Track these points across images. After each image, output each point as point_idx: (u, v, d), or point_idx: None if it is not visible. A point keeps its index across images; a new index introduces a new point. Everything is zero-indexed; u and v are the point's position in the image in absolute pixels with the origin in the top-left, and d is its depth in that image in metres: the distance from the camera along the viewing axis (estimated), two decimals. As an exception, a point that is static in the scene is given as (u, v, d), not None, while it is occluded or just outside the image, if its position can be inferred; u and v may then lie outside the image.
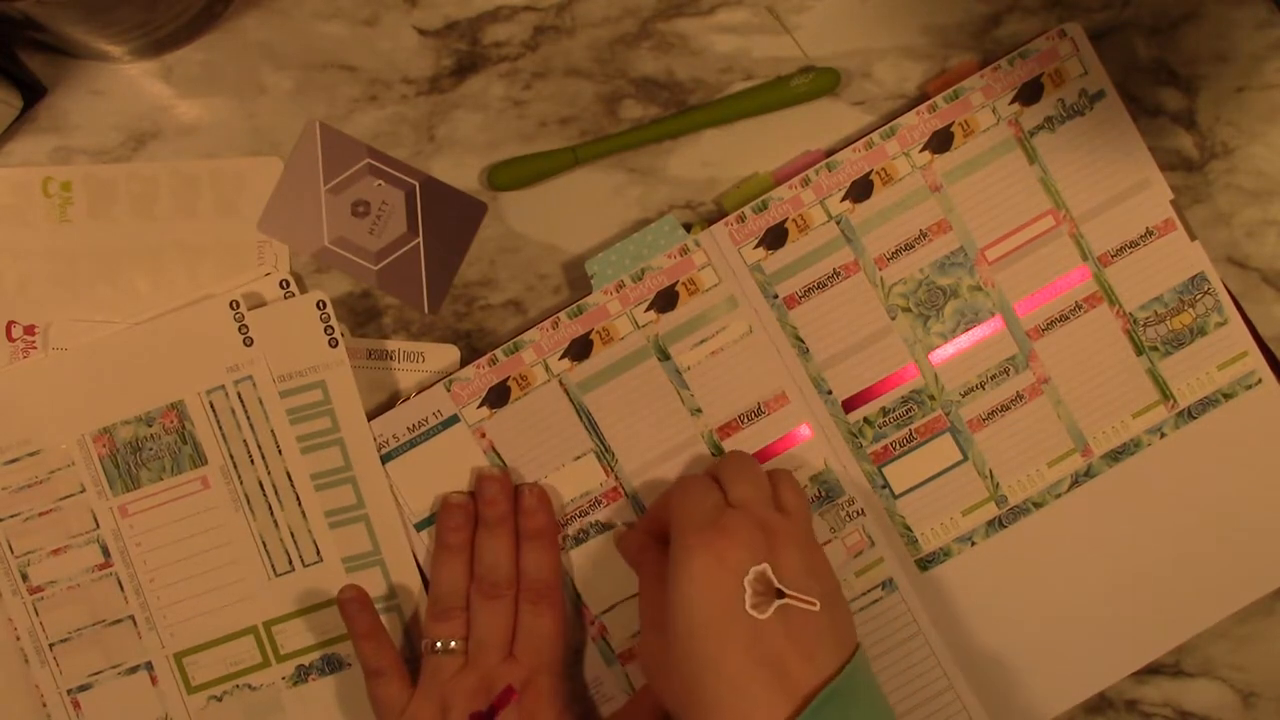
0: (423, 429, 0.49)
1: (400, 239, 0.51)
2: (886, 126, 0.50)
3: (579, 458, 0.50)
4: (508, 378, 0.50)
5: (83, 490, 0.49)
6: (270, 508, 0.49)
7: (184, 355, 0.49)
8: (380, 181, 0.51)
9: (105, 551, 0.49)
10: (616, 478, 0.50)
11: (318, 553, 0.49)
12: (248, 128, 0.51)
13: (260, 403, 0.49)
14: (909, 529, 0.51)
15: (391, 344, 0.51)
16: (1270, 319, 0.52)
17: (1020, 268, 0.50)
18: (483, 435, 0.50)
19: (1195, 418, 0.51)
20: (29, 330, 0.50)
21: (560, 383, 0.50)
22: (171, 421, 0.49)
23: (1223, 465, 0.51)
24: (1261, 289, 0.52)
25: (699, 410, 0.50)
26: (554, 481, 0.50)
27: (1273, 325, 0.52)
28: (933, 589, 0.51)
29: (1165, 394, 0.51)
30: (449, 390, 0.50)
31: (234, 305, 0.49)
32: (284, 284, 0.50)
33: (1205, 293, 0.51)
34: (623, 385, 0.50)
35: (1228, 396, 0.51)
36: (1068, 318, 0.51)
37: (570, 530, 0.50)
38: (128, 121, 0.51)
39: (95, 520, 0.49)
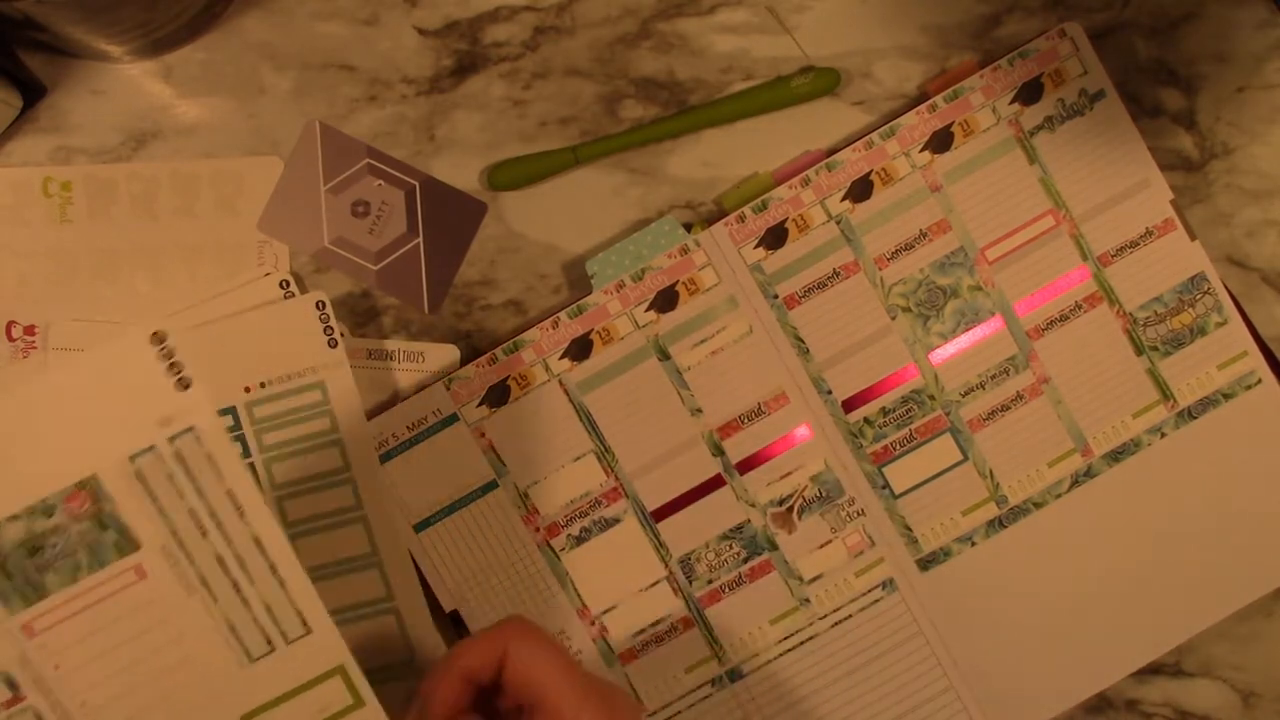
0: (422, 428, 0.49)
1: (400, 239, 0.51)
2: (886, 126, 0.50)
3: (579, 458, 0.50)
4: (507, 377, 0.50)
5: None
6: (236, 584, 0.39)
7: (93, 414, 0.37)
8: (380, 181, 0.51)
9: (11, 685, 0.38)
10: (616, 478, 0.50)
11: (304, 623, 0.40)
12: (248, 128, 0.51)
13: (210, 459, 0.38)
14: (909, 529, 0.51)
15: (391, 344, 0.51)
16: (1270, 319, 0.52)
17: (1020, 268, 0.50)
18: (482, 434, 0.50)
19: (1195, 418, 0.51)
20: (29, 330, 0.50)
21: (560, 382, 0.50)
22: (82, 505, 0.37)
23: (1223, 465, 0.51)
24: (1261, 289, 0.52)
25: (699, 410, 0.50)
26: (554, 481, 0.50)
27: (1273, 325, 0.52)
28: (933, 589, 0.51)
29: (1165, 394, 0.51)
30: (449, 389, 0.50)
31: (157, 339, 0.37)
32: (284, 284, 0.50)
33: (1205, 293, 0.51)
34: (623, 385, 0.50)
35: (1228, 396, 0.51)
36: (1068, 318, 0.51)
37: (571, 530, 0.50)
38: (128, 121, 0.51)
39: None
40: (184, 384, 0.38)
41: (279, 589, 0.39)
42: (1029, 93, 0.50)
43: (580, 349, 0.50)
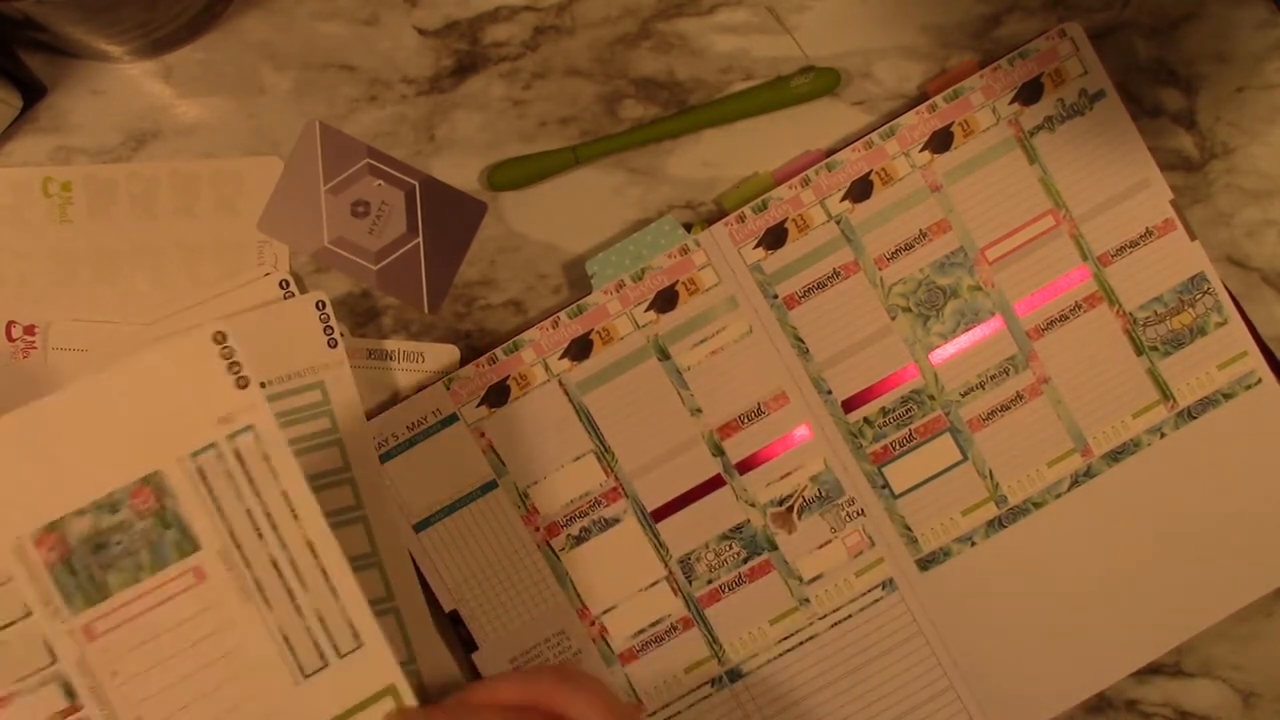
0: (421, 427, 0.49)
1: (400, 239, 0.51)
2: (886, 126, 0.50)
3: (579, 458, 0.50)
4: (507, 377, 0.50)
5: (28, 614, 0.37)
6: (290, 592, 0.38)
7: (156, 411, 0.37)
8: (380, 181, 0.51)
9: (69, 692, 0.37)
10: (616, 478, 0.50)
11: (356, 637, 0.39)
12: (248, 128, 0.51)
13: (266, 459, 0.38)
14: (909, 529, 0.51)
15: (391, 344, 0.51)
16: (1270, 319, 0.52)
17: (1020, 268, 0.50)
18: (482, 434, 0.50)
19: (1195, 418, 0.51)
20: (29, 330, 0.50)
21: (560, 382, 0.50)
22: (146, 501, 0.37)
23: (1223, 465, 0.51)
24: (1261, 289, 0.52)
25: (699, 410, 0.50)
26: (554, 481, 0.50)
27: (1273, 325, 0.52)
28: (933, 589, 0.51)
29: (1165, 394, 0.51)
30: (448, 389, 0.50)
31: (219, 338, 0.38)
32: (284, 284, 0.50)
33: (1205, 293, 0.51)
34: (623, 385, 0.50)
35: (1228, 396, 0.51)
36: (1068, 318, 0.51)
37: (571, 530, 0.50)
38: (128, 121, 0.51)
39: (51, 652, 0.37)
40: (242, 382, 0.38)
41: (331, 597, 0.39)
42: (1029, 93, 0.50)
43: (580, 349, 0.50)
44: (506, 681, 0.40)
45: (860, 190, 0.50)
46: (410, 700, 0.39)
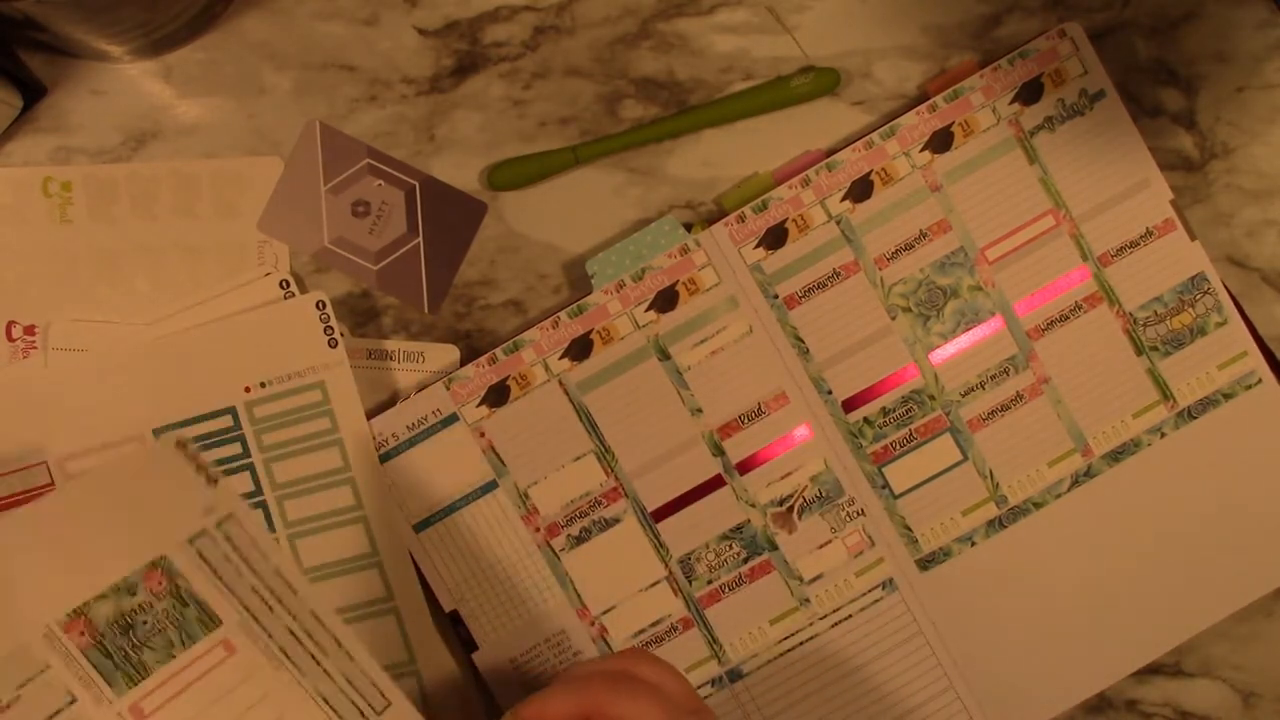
0: (422, 428, 0.49)
1: (400, 239, 0.51)
2: (886, 126, 0.50)
3: (579, 458, 0.50)
4: (507, 377, 0.50)
5: (73, 700, 0.36)
6: (314, 656, 0.39)
7: (148, 505, 0.38)
8: (380, 181, 0.51)
9: None
10: (616, 478, 0.50)
11: (382, 695, 0.39)
12: (248, 128, 0.51)
13: (255, 542, 0.39)
14: (909, 529, 0.51)
15: (391, 344, 0.51)
16: (1270, 319, 0.52)
17: (1020, 268, 0.50)
18: (482, 434, 0.50)
19: (1195, 418, 0.51)
20: (29, 330, 0.50)
21: (560, 382, 0.50)
22: (160, 583, 0.37)
23: (1223, 465, 0.51)
24: (1261, 289, 0.52)
25: (699, 410, 0.50)
26: (554, 481, 0.50)
27: (1273, 325, 0.52)
28: (933, 589, 0.51)
29: (1165, 394, 0.51)
30: (448, 389, 0.50)
31: (181, 445, 0.39)
32: (284, 284, 0.50)
33: (1205, 293, 0.51)
34: (623, 385, 0.50)
35: (1228, 396, 0.51)
36: (1068, 318, 0.51)
37: (571, 530, 0.50)
38: (128, 121, 0.51)
39: None
40: (213, 479, 0.39)
41: (349, 661, 0.39)
42: (1029, 93, 0.50)
43: (580, 349, 0.50)
44: (556, 695, 0.40)
45: (860, 190, 0.50)
46: None
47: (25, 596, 0.36)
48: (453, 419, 0.50)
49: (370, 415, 0.50)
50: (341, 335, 0.50)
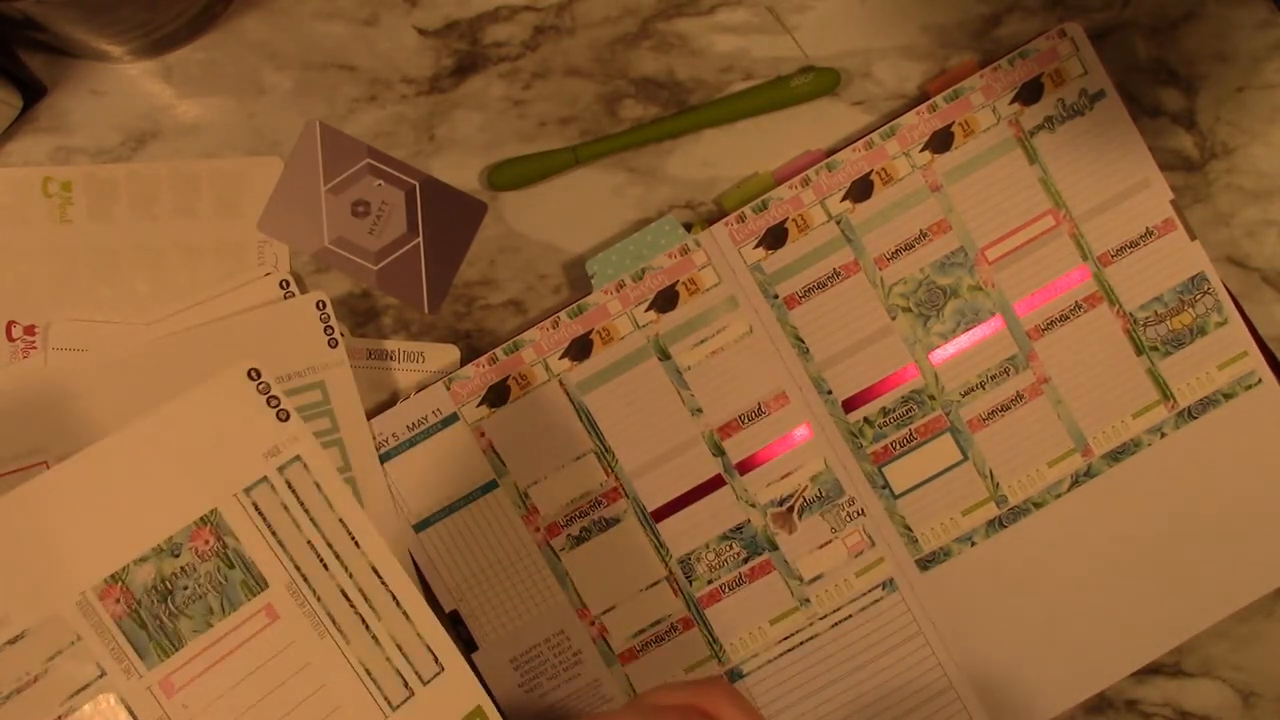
0: (422, 427, 0.49)
1: (400, 239, 0.51)
2: (886, 126, 0.50)
3: (579, 458, 0.50)
4: (507, 377, 0.50)
5: (102, 674, 0.34)
6: (364, 620, 0.37)
7: (203, 450, 0.36)
8: (380, 181, 0.51)
9: None
10: (616, 478, 0.50)
11: (436, 660, 0.38)
12: (248, 128, 0.51)
13: (318, 487, 0.37)
14: (909, 529, 0.51)
15: (391, 344, 0.51)
16: (1270, 319, 0.52)
17: (1020, 268, 0.50)
18: (482, 434, 0.50)
19: (1195, 418, 0.51)
20: (29, 330, 0.50)
21: (560, 382, 0.50)
22: (207, 542, 0.36)
23: (1223, 465, 0.51)
24: (1261, 289, 0.52)
25: (699, 410, 0.50)
26: (554, 481, 0.50)
27: (1273, 325, 0.52)
28: (933, 589, 0.51)
29: (1165, 394, 0.51)
30: (449, 389, 0.50)
31: (254, 374, 0.38)
32: (284, 284, 0.50)
33: (1205, 293, 0.51)
34: (623, 385, 0.50)
35: (1228, 396, 0.51)
36: (1068, 318, 0.51)
37: (571, 530, 0.50)
38: (128, 121, 0.51)
39: (130, 712, 0.35)
40: (283, 415, 0.37)
41: (405, 622, 0.37)
42: (1029, 93, 0.50)
43: (580, 349, 0.50)
44: (679, 688, 0.39)
45: (860, 190, 0.50)
46: (496, 718, 0.36)
47: (64, 559, 0.34)
48: (453, 419, 0.50)
49: (370, 415, 0.50)
50: (341, 335, 0.50)
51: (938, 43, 0.52)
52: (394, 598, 0.37)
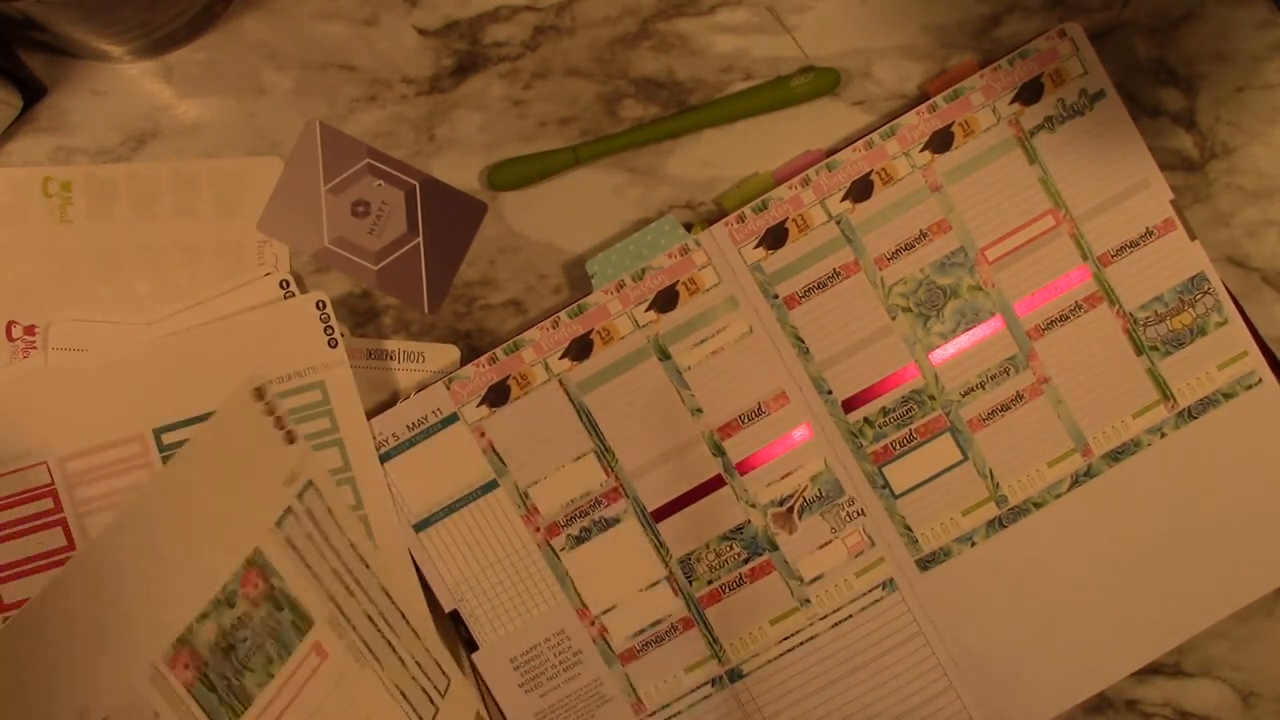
0: (422, 427, 0.50)
1: (400, 239, 0.51)
2: (886, 126, 0.50)
3: (579, 458, 0.50)
4: (508, 377, 0.50)
5: None
6: (390, 645, 0.36)
7: (232, 489, 0.34)
8: (380, 181, 0.51)
9: None
10: (616, 478, 0.50)
11: (444, 673, 0.38)
12: (248, 128, 0.51)
13: (331, 513, 0.36)
14: (909, 529, 0.51)
15: (391, 344, 0.51)
16: (1270, 319, 0.52)
17: (1020, 268, 0.50)
18: (482, 434, 0.50)
19: (1195, 418, 0.51)
20: (29, 330, 0.50)
21: (560, 382, 0.50)
22: (256, 586, 0.34)
23: (1223, 465, 0.51)
24: (1261, 289, 0.52)
25: (699, 410, 0.50)
26: (554, 481, 0.50)
27: (1273, 325, 0.52)
28: (933, 589, 0.51)
29: (1165, 394, 0.51)
30: (449, 389, 0.50)
31: (259, 394, 0.35)
32: (284, 284, 0.50)
33: (1205, 293, 0.51)
34: (623, 385, 0.50)
35: (1228, 396, 0.51)
36: (1068, 318, 0.51)
37: (571, 530, 0.50)
38: (128, 121, 0.51)
39: None
40: (290, 437, 0.36)
41: (415, 639, 0.36)
42: (1029, 93, 0.50)
43: (580, 349, 0.50)
44: None
45: (860, 190, 0.50)
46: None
47: (125, 632, 0.31)
48: (453, 419, 0.50)
49: (370, 415, 0.50)
50: (341, 335, 0.50)
51: (938, 43, 0.52)
52: (403, 616, 0.37)
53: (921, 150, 0.50)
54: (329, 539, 0.35)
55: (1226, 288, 0.51)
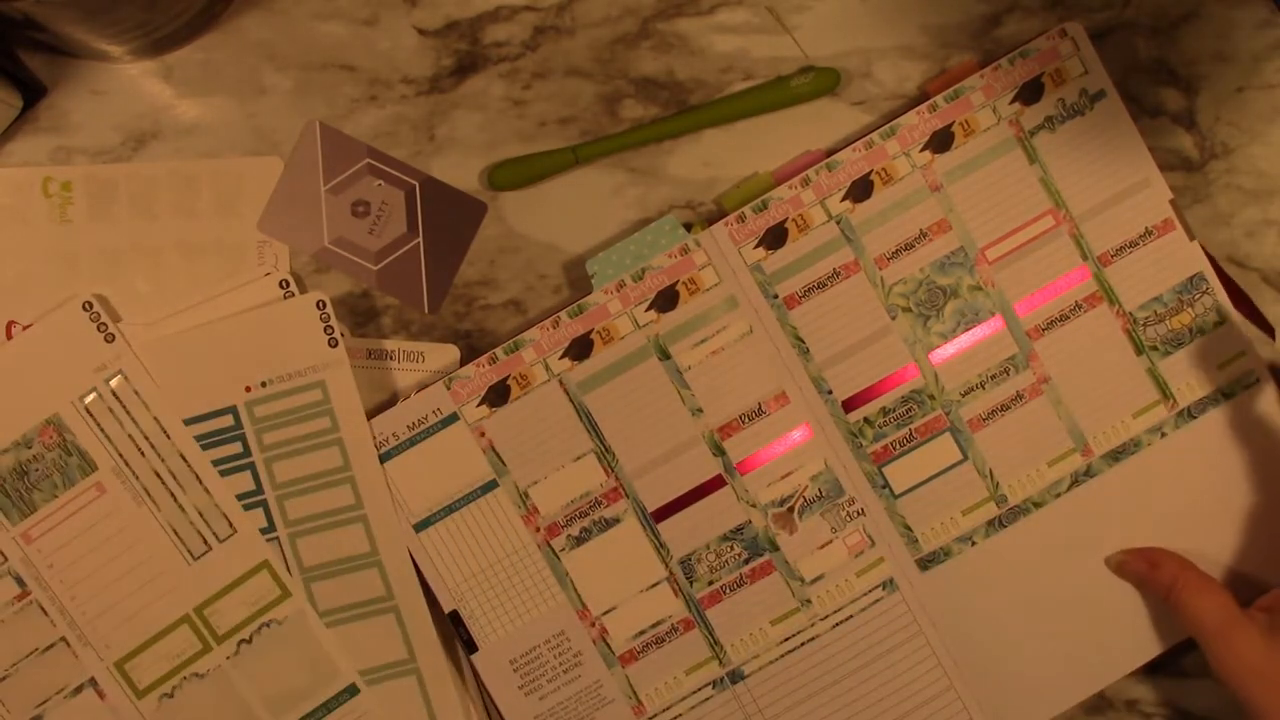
0: (422, 427, 0.49)
1: (400, 239, 0.51)
2: (886, 126, 0.50)
3: (579, 458, 0.50)
4: (508, 376, 0.50)
5: None
6: (172, 494, 0.49)
7: (45, 369, 0.49)
8: (380, 181, 0.51)
9: (20, 581, 0.49)
10: (616, 478, 0.50)
11: (230, 525, 0.49)
12: (248, 128, 0.51)
13: (137, 394, 0.49)
14: (909, 529, 0.51)
15: (391, 344, 0.51)
16: (1270, 319, 0.52)
17: (1020, 267, 0.50)
18: (482, 434, 0.50)
19: (1195, 417, 0.51)
20: (29, 330, 0.50)
21: (560, 382, 0.50)
22: (50, 437, 0.49)
23: (1223, 465, 0.51)
24: (1261, 289, 0.52)
25: (699, 410, 0.50)
26: (554, 481, 0.50)
27: (1273, 325, 0.52)
28: (933, 589, 0.51)
29: (1165, 394, 0.51)
30: (448, 389, 0.50)
31: (87, 306, 0.49)
32: (284, 284, 0.50)
33: (1204, 292, 0.51)
34: (623, 385, 0.50)
35: (1227, 396, 0.51)
36: (1068, 317, 0.51)
37: (571, 530, 0.50)
38: (128, 121, 0.51)
39: (2, 554, 0.49)
40: (109, 338, 0.49)
41: (207, 497, 0.50)
42: (1029, 93, 0.50)
43: (580, 349, 0.50)
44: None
45: (860, 190, 0.50)
46: (283, 573, 0.50)
47: None
48: (453, 419, 0.50)
49: (370, 415, 0.50)
50: (341, 335, 0.50)
51: (938, 43, 0.52)
52: (197, 477, 0.49)
53: (921, 150, 0.50)
54: (132, 414, 0.49)
55: (1223, 276, 0.51)
